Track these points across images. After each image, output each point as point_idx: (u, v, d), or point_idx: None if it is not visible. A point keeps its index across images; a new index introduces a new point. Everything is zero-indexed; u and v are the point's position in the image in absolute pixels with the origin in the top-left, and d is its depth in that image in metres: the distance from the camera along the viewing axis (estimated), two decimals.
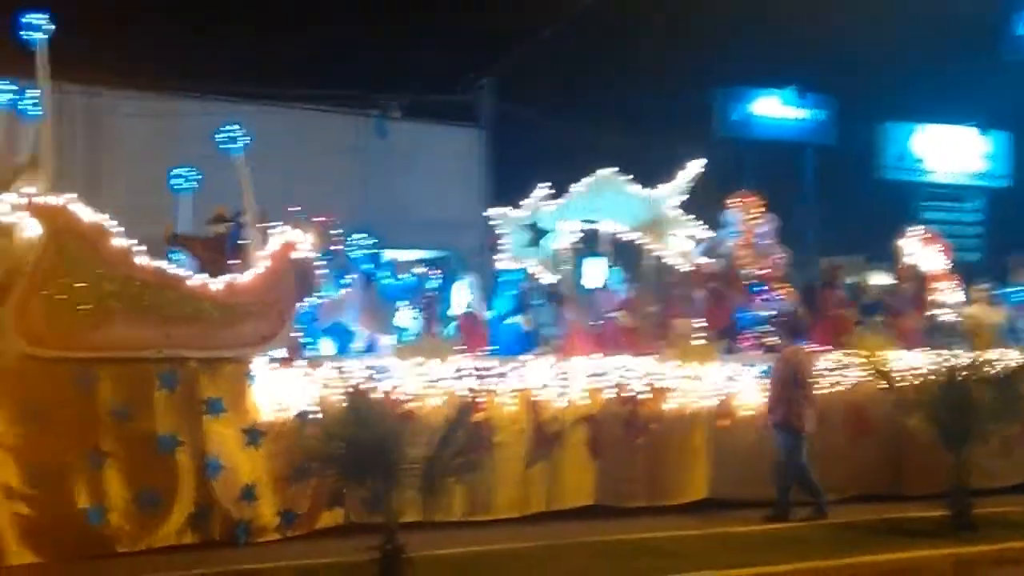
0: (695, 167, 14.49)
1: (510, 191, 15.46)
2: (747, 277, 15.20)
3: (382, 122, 22.33)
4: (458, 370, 11.90)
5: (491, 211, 13.62)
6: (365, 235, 11.74)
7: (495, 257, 13.71)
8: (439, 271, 12.92)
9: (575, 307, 14.25)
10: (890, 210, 25.70)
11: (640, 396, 12.81)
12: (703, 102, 27.83)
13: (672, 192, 14.40)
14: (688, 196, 14.34)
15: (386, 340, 12.33)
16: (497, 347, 12.94)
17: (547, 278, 13.80)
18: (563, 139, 22.27)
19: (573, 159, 14.02)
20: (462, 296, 13.96)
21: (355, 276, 12.05)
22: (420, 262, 13.19)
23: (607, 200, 13.94)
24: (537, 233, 13.58)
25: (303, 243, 11.39)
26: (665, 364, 13.04)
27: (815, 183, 29.18)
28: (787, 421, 12.56)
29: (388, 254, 17.28)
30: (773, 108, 29.02)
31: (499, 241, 13.52)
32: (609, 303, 14.37)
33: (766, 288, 15.29)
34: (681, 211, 14.17)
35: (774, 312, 14.78)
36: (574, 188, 13.95)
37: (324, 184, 19.75)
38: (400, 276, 12.54)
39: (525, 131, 23.30)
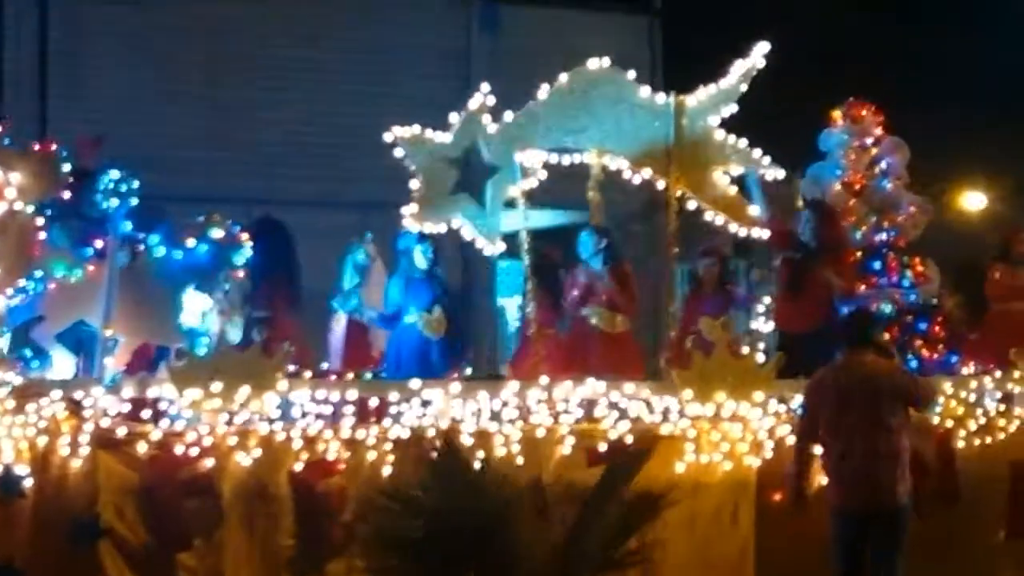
0: (755, 56, 12.06)
1: None
2: (856, 243, 13.13)
3: (492, 9, 20.84)
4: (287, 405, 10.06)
5: (394, 131, 11.43)
6: (124, 172, 9.80)
7: (403, 211, 11.53)
8: (248, 235, 10.86)
9: (544, 295, 12.02)
10: None
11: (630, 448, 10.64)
12: None
13: (716, 99, 12.02)
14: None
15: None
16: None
17: (489, 247, 11.60)
18: (787, 27, 20.11)
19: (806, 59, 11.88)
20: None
21: (109, 243, 10.14)
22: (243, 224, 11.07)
23: (599, 112, 11.85)
24: (475, 170, 11.58)
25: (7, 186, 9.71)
26: (674, 394, 10.93)
27: None
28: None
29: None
30: None
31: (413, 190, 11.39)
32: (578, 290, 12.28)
33: (889, 263, 13.02)
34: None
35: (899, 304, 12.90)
36: (543, 94, 11.82)
37: (406, 103, 18.07)
38: (185, 243, 10.51)
39: (723, 17, 21.31)
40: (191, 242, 10.60)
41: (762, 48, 12.05)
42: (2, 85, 18.14)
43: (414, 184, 11.47)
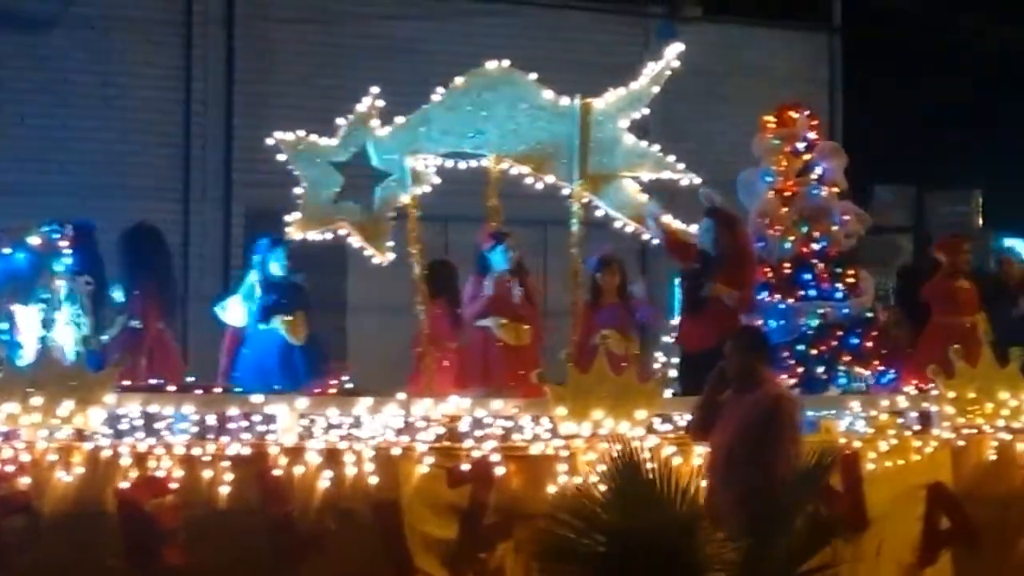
0: (668, 57, 10.93)
1: (878, 128, 14.83)
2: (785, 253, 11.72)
3: (669, 25, 19.52)
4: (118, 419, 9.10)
5: (276, 135, 10.44)
6: None
7: (286, 219, 10.51)
8: (70, 241, 9.78)
9: (442, 306, 10.90)
10: None
11: (496, 471, 9.53)
12: None
13: (625, 102, 10.93)
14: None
15: None
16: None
17: (379, 255, 10.52)
18: (970, 46, 19.54)
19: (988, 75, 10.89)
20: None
21: None
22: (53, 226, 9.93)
23: (497, 115, 10.73)
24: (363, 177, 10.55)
25: None
26: (546, 411, 9.79)
27: None
28: None
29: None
30: None
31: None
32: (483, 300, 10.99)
33: (819, 274, 11.62)
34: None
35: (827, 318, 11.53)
36: (438, 95, 10.76)
37: None
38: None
39: (902, 33, 20.21)
40: (7, 249, 9.58)
41: (675, 48, 10.95)
42: (190, 103, 17.21)
43: (298, 191, 10.46)
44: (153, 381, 9.79)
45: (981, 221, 19.44)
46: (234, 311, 10.87)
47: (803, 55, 20.33)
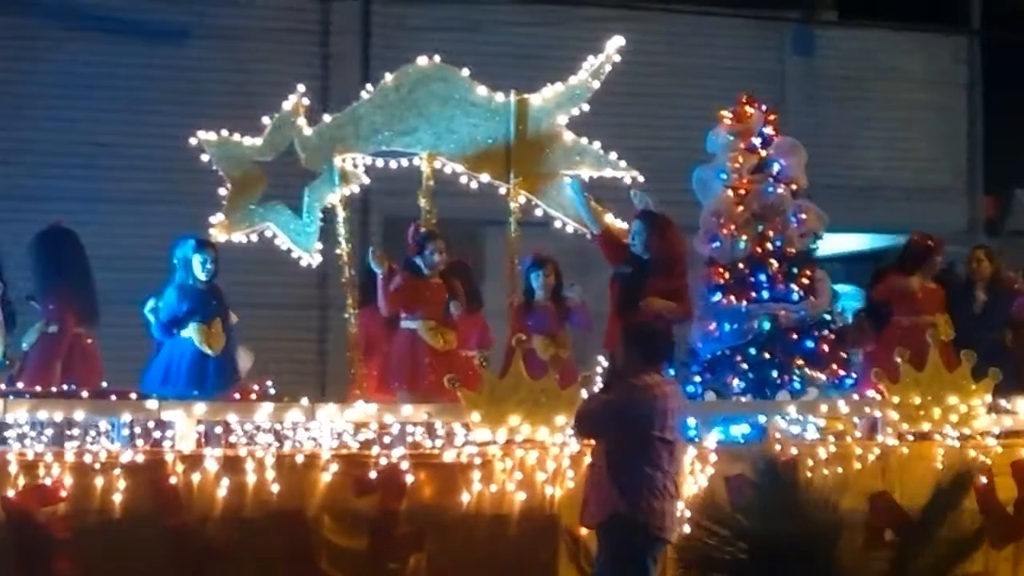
0: (608, 51, 10.40)
1: (1018, 130, 15.03)
2: (742, 256, 10.91)
3: (806, 31, 19.32)
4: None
5: (199, 134, 10.00)
6: None
7: (210, 220, 10.07)
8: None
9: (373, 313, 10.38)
10: None
11: (406, 478, 8.95)
12: None
13: (563, 98, 10.47)
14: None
15: None
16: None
17: (306, 257, 10.06)
18: None
19: None
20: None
21: None
22: None
23: (429, 112, 10.37)
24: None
25: None
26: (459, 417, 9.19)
27: None
28: (622, 516, 8.07)
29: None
30: None
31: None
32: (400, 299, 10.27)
33: (774, 275, 10.84)
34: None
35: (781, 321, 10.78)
36: (369, 92, 10.45)
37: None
38: None
39: None
40: None
41: (616, 42, 10.35)
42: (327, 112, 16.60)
43: (223, 191, 10.03)
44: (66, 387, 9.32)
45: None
46: None
47: (941, 57, 19.79)
